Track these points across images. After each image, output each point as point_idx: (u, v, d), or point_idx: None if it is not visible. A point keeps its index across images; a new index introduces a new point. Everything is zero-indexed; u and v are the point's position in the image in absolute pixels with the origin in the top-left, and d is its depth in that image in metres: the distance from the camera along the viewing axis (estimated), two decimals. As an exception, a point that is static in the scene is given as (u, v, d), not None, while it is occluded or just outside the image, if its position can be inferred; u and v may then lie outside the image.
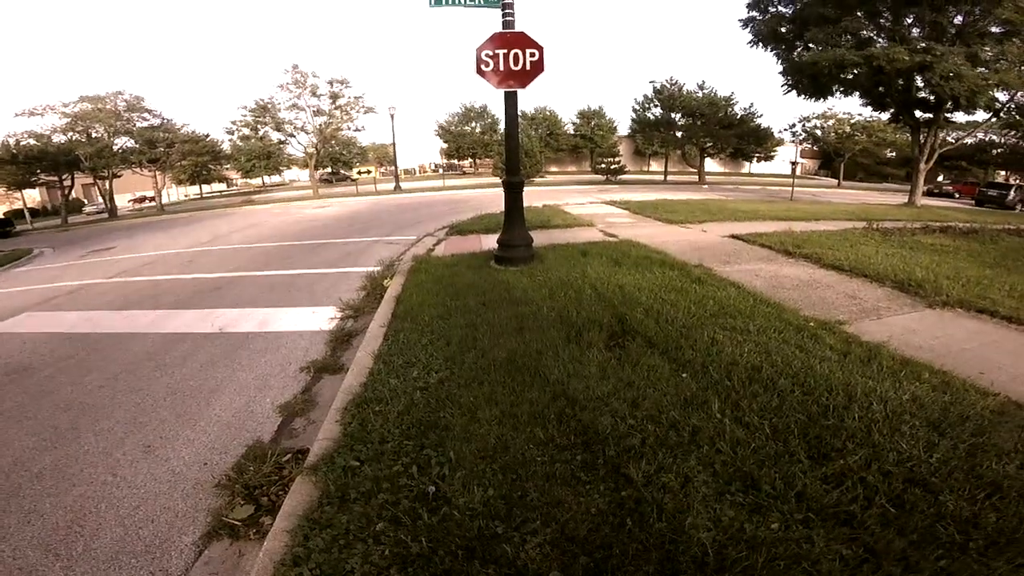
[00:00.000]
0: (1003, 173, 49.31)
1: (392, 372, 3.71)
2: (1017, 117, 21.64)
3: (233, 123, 39.53)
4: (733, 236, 9.21)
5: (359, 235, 12.59)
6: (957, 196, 38.40)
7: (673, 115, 39.38)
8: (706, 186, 33.44)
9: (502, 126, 7.40)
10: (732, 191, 28.64)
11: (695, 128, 38.10)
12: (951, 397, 3.08)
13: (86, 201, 52.88)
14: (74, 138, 38.26)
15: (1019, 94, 21.36)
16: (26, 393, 4.64)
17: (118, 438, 3.73)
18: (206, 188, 65.57)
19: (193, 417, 3.95)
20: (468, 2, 6.63)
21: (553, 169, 58.07)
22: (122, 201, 46.84)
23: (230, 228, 17.81)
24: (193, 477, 3.17)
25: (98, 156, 36.82)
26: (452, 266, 7.12)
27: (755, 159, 53.53)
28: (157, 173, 40.57)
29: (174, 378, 4.72)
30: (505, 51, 6.35)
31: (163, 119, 41.31)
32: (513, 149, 6.90)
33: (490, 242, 8.60)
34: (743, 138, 39.09)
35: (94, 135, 38.40)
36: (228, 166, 56.11)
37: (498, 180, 34.54)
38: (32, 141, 37.28)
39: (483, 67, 6.44)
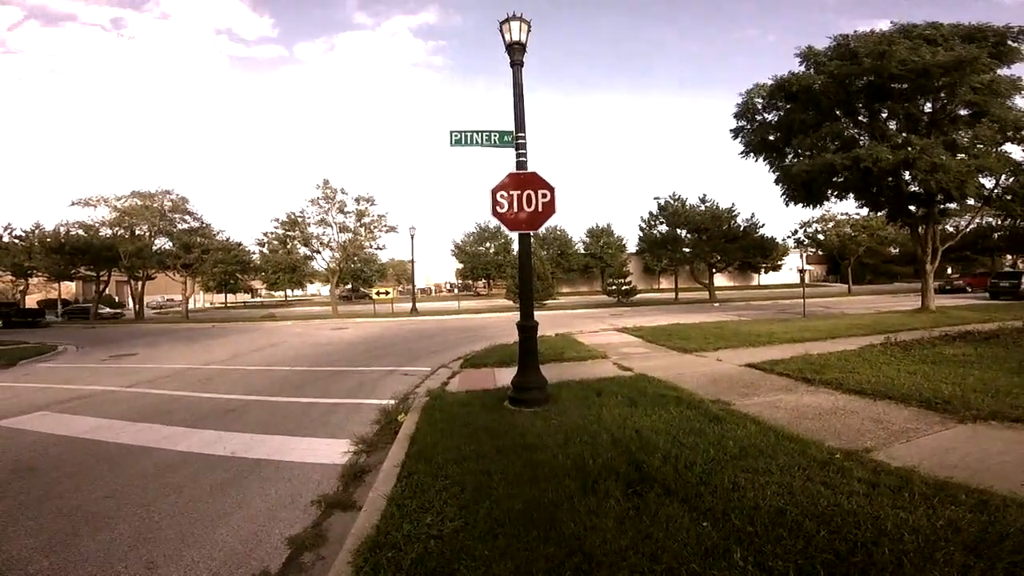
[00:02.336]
0: (1009, 258, 49.55)
1: (406, 517, 3.62)
2: (1008, 199, 21.88)
3: (265, 235, 40.35)
4: (749, 365, 9.07)
5: (374, 363, 12.64)
6: (970, 290, 38.33)
7: (679, 231, 40.17)
8: (717, 304, 33.64)
9: (516, 246, 7.74)
10: (743, 308, 28.75)
11: (701, 243, 38.83)
12: (989, 516, 2.94)
13: (117, 298, 54.84)
14: (119, 233, 39.95)
15: (1004, 178, 21.70)
16: (30, 493, 4.64)
17: (121, 551, 3.65)
18: (231, 297, 67.12)
19: (199, 540, 3.85)
20: (485, 143, 7.23)
21: (565, 290, 58.99)
22: (149, 301, 48.15)
23: (250, 346, 18.06)
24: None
25: (137, 255, 38.06)
26: (466, 404, 7.05)
27: (763, 270, 54.21)
28: (188, 278, 41.62)
29: (182, 497, 4.65)
30: (518, 192, 6.76)
31: (202, 223, 43.14)
32: (527, 292, 7.09)
33: (504, 377, 8.56)
34: (748, 251, 39.67)
35: (137, 232, 40.18)
36: (255, 277, 57.86)
37: (511, 303, 35.42)
38: (81, 232, 39.06)
39: (498, 208, 6.85)
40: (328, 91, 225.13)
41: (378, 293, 36.84)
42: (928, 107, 20.04)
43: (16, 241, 40.77)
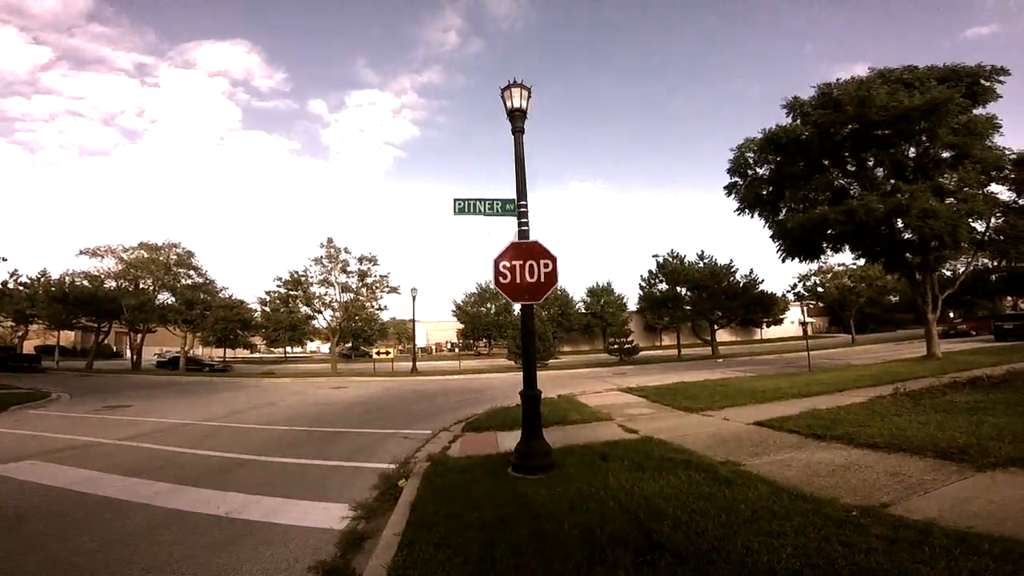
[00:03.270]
0: (1010, 299, 49.56)
1: (408, 590, 3.43)
2: (1001, 240, 22.00)
3: (267, 293, 40.42)
4: (757, 423, 8.88)
5: (374, 425, 12.38)
6: (974, 333, 38.16)
7: (679, 289, 40.30)
8: (720, 359, 33.34)
9: (517, 307, 7.71)
10: (748, 363, 28.46)
11: (702, 301, 38.86)
12: (1013, 565, 2.84)
13: (114, 348, 54.47)
14: (123, 286, 39.98)
15: (993, 219, 21.81)
16: (14, 543, 4.49)
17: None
18: (230, 352, 66.44)
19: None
20: (488, 211, 7.32)
21: (566, 348, 58.66)
22: (147, 354, 47.70)
23: (248, 403, 17.75)
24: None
25: (139, 309, 38.00)
26: (469, 471, 6.84)
27: (765, 324, 54.09)
28: (188, 332, 41.37)
29: (172, 556, 4.48)
30: (521, 262, 6.79)
31: (206, 278, 43.34)
32: (530, 361, 6.94)
33: (506, 441, 8.40)
34: (749, 307, 39.65)
35: (141, 285, 40.22)
36: (255, 333, 57.55)
37: (512, 364, 35.04)
38: (86, 283, 39.15)
39: (501, 279, 6.86)
40: (336, 147, 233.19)
41: (378, 353, 36.58)
42: (912, 152, 20.45)
43: (21, 288, 41.06)
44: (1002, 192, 22.27)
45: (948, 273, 32.65)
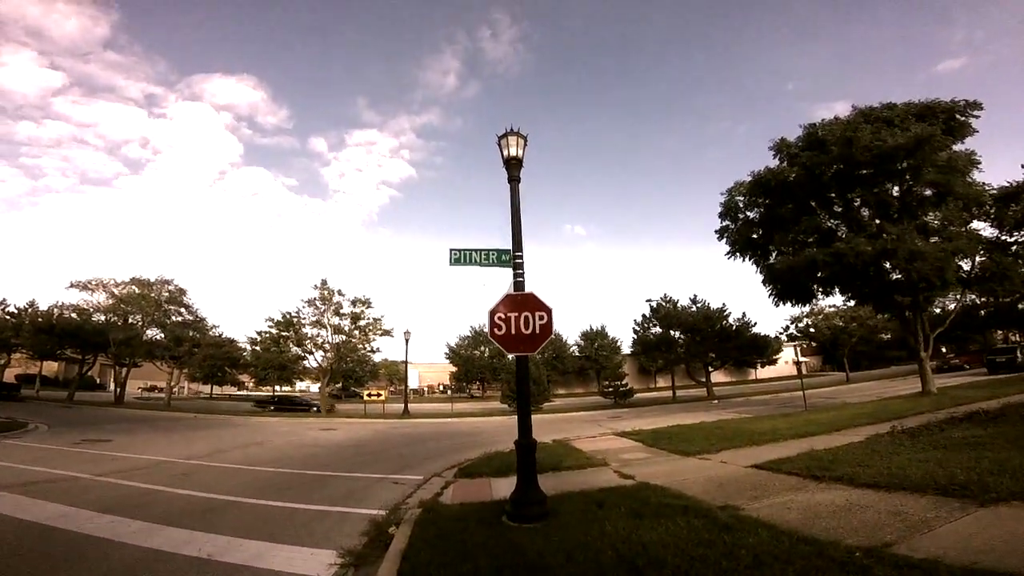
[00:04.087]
0: (1000, 333, 49.90)
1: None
2: (987, 277, 22.17)
3: (258, 333, 40.13)
4: (755, 466, 8.74)
5: (364, 469, 12.08)
6: (967, 367, 38.33)
7: (672, 332, 40.50)
8: (716, 401, 33.10)
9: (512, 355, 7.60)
10: (743, 404, 28.26)
11: (695, 344, 38.99)
12: None
13: (98, 380, 54.07)
14: (112, 320, 39.37)
15: (979, 257, 22.00)
16: None
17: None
18: (217, 389, 65.14)
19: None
20: (484, 262, 7.29)
21: (560, 391, 58.25)
22: (132, 388, 46.85)
23: (233, 442, 17.32)
24: None
25: (126, 343, 37.57)
26: (462, 519, 6.63)
27: (759, 365, 54.08)
28: (174, 368, 40.96)
29: None
30: (516, 314, 6.75)
31: (196, 316, 42.98)
32: (525, 409, 6.85)
33: (500, 488, 8.21)
34: (743, 349, 39.80)
35: (131, 320, 39.68)
36: (244, 372, 56.71)
37: (506, 407, 34.75)
38: (74, 316, 38.69)
39: (496, 331, 6.81)
40: (334, 185, 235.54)
41: (369, 395, 36.07)
42: (896, 191, 20.82)
43: (8, 318, 40.74)
44: (984, 228, 22.71)
45: (937, 310, 32.90)
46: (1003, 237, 22.92)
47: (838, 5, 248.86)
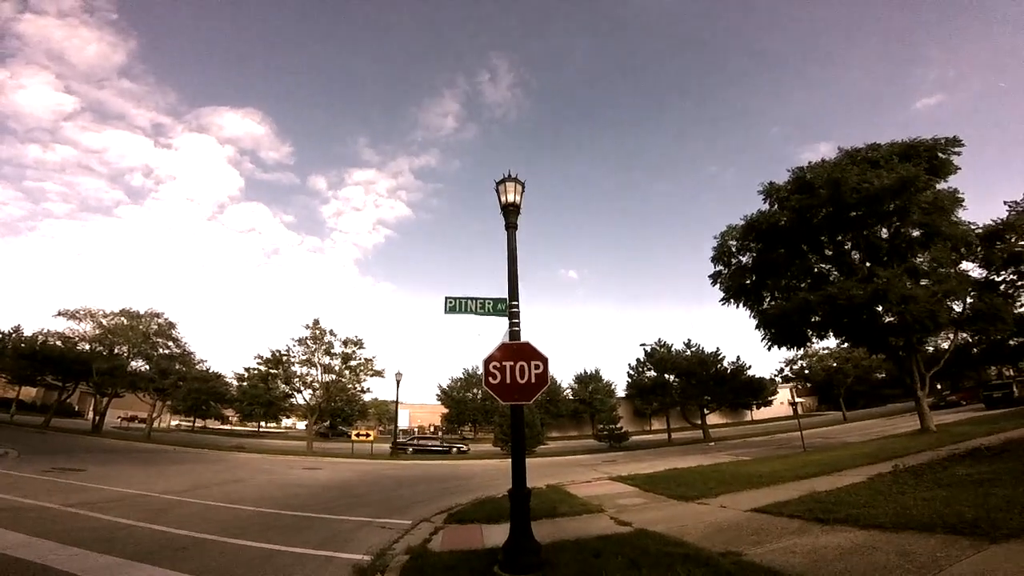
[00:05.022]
0: (993, 369, 49.95)
1: None
2: (979, 317, 22.17)
3: (246, 370, 39.38)
4: (756, 509, 8.48)
5: (349, 512, 11.55)
6: (964, 403, 38.29)
7: (667, 376, 40.36)
8: (712, 443, 32.61)
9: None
10: (740, 446, 27.80)
11: (690, 388, 38.81)
12: None
13: (77, 408, 53.72)
14: (97, 349, 38.65)
15: (969, 298, 22.09)
16: None
17: None
18: (199, 422, 63.96)
19: None
20: (479, 311, 7.16)
21: (554, 434, 57.17)
22: (111, 417, 45.59)
23: (213, 478, 16.62)
24: None
25: (110, 373, 36.86)
26: (451, 568, 6.29)
27: (754, 406, 53.68)
28: (157, 400, 40.04)
29: None
30: (511, 363, 6.58)
31: (184, 350, 42.21)
32: (520, 459, 6.54)
33: (492, 535, 7.88)
34: (737, 392, 39.61)
35: (116, 351, 39.03)
36: (229, 406, 55.57)
37: (499, 449, 34.32)
38: (59, 343, 37.97)
39: (491, 380, 6.62)
40: (331, 223, 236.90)
41: (358, 435, 35.27)
42: (885, 233, 21.05)
43: None
44: (973, 269, 22.91)
45: (931, 349, 32.89)
46: (991, 277, 23.09)
47: (817, 50, 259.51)
